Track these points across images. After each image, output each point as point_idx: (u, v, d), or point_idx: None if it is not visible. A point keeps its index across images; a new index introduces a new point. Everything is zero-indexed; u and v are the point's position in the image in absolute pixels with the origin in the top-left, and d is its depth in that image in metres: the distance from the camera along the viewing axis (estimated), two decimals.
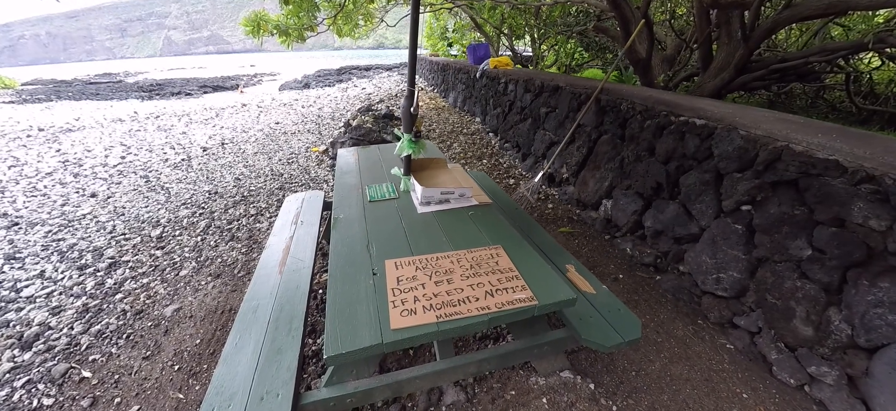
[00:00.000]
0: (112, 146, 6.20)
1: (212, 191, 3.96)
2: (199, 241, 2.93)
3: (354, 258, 1.28)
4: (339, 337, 0.94)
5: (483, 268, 1.26)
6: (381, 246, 1.35)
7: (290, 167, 4.57)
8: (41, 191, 4.47)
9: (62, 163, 5.45)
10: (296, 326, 1.40)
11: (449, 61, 9.58)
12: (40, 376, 1.82)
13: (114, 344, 1.97)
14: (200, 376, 1.77)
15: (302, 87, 15.70)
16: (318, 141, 5.85)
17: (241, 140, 6.17)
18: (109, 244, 3.01)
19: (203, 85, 18.57)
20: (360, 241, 1.38)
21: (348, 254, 1.30)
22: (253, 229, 3.06)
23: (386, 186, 1.87)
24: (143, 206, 3.73)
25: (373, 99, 9.26)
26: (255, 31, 4.69)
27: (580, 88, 3.43)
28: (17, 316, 2.25)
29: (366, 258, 1.28)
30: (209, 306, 2.21)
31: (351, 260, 1.27)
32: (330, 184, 3.92)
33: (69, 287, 2.48)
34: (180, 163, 5.09)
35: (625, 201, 2.86)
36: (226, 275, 2.49)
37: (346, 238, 1.40)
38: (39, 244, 3.14)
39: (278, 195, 3.71)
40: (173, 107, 10.25)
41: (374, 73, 19.02)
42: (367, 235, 1.43)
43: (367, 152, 2.52)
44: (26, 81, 23.44)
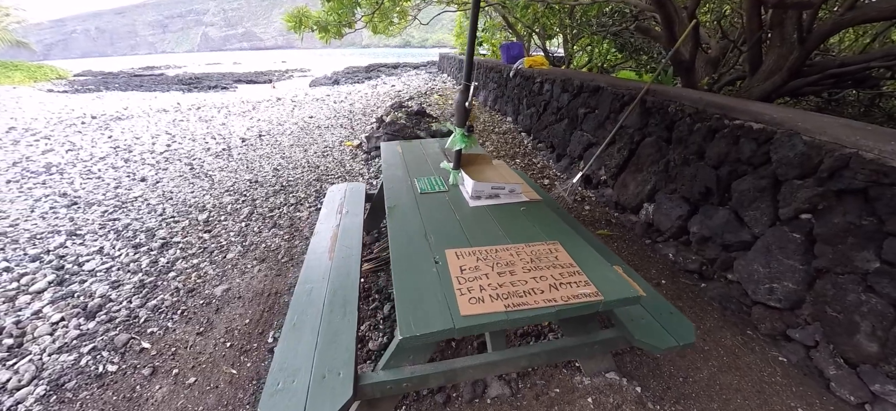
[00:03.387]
0: (158, 134, 6.52)
1: (252, 180, 4.10)
2: (243, 227, 3.04)
3: (414, 246, 1.30)
4: (412, 321, 0.96)
5: (543, 262, 1.25)
6: (438, 236, 1.36)
7: (326, 160, 4.68)
8: (96, 174, 4.75)
9: (113, 149, 5.78)
10: (350, 310, 1.44)
11: (479, 60, 9.55)
12: (104, 344, 1.93)
13: (169, 319, 2.07)
14: (251, 354, 1.83)
15: (332, 83, 16.06)
16: (351, 135, 5.95)
17: (277, 132, 6.36)
18: (160, 225, 3.16)
19: (238, 79, 19.32)
20: (418, 231, 1.40)
21: (407, 242, 1.32)
22: (294, 217, 3.14)
23: (434, 179, 1.88)
24: (189, 192, 3.91)
25: (403, 96, 9.35)
26: (296, 27, 4.83)
27: (623, 90, 3.34)
28: (81, 288, 2.40)
29: (425, 247, 1.30)
30: (256, 288, 2.29)
31: (411, 248, 1.29)
32: (365, 177, 3.98)
33: (126, 263, 2.63)
34: (221, 153, 5.30)
35: (669, 205, 2.77)
36: (270, 260, 2.57)
37: (404, 227, 1.42)
38: (97, 222, 3.34)
39: (316, 186, 3.80)
40: (212, 99, 10.69)
41: (402, 71, 19.21)
42: (423, 225, 1.44)
43: (410, 146, 2.54)
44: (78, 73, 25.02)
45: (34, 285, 2.44)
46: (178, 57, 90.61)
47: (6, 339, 1.99)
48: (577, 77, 4.18)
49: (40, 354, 1.89)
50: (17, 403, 1.64)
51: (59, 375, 1.76)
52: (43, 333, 2.02)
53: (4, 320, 2.12)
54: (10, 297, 2.35)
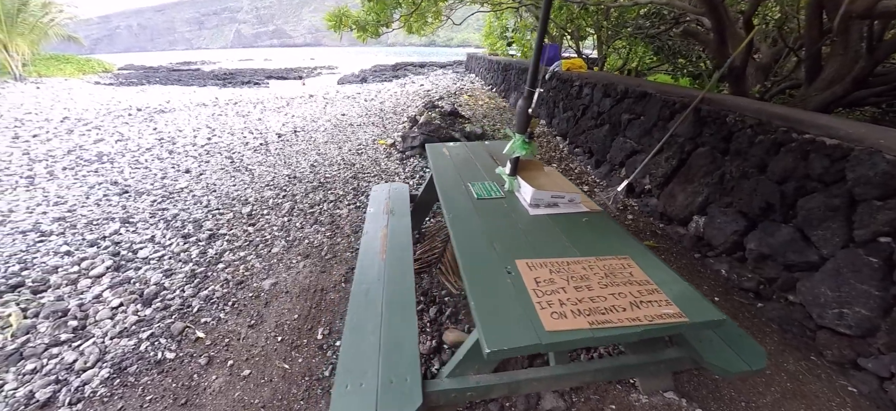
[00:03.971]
0: (199, 128, 6.77)
1: (291, 176, 4.18)
2: (285, 222, 3.09)
3: (481, 255, 1.27)
4: (495, 334, 0.93)
5: (618, 277, 1.20)
6: (503, 245, 1.33)
7: (361, 158, 4.72)
8: (143, 164, 4.96)
9: (158, 141, 6.03)
10: (409, 314, 1.42)
11: (510, 61, 9.46)
12: (161, 331, 1.99)
13: (221, 310, 2.12)
14: (301, 350, 1.85)
15: (359, 81, 16.30)
16: (384, 134, 6.00)
17: (311, 129, 6.48)
18: (207, 217, 3.26)
19: (269, 75, 19.91)
20: (482, 239, 1.37)
21: (473, 250, 1.29)
22: (334, 215, 3.18)
23: (489, 185, 1.85)
24: (231, 185, 4.02)
25: (432, 96, 9.37)
26: (336, 26, 4.91)
27: (674, 96, 3.22)
28: (136, 275, 2.49)
29: (492, 255, 1.27)
30: (302, 284, 2.31)
31: (479, 256, 1.26)
32: (401, 177, 3.99)
33: (177, 253, 2.72)
34: (259, 148, 5.44)
35: (723, 220, 2.64)
36: (314, 256, 2.60)
37: (467, 233, 1.40)
38: (147, 211, 3.48)
39: (353, 184, 3.84)
40: (248, 95, 11.02)
41: (429, 70, 19.29)
42: (487, 233, 1.41)
43: (456, 149, 2.52)
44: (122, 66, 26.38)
45: (93, 270, 2.55)
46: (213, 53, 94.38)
47: (71, 321, 2.08)
48: (620, 82, 4.06)
49: (103, 337, 1.97)
50: (83, 384, 1.71)
51: (121, 359, 1.83)
52: (104, 317, 2.11)
53: (69, 302, 2.23)
54: (73, 280, 2.47)
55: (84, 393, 1.67)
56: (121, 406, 1.61)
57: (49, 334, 2.01)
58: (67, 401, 1.63)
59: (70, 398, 1.64)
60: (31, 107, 9.68)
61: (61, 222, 3.34)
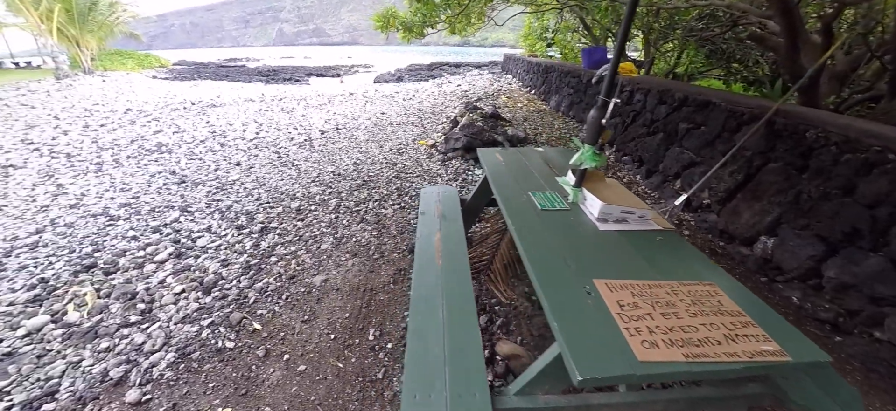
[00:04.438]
0: (248, 122, 7.08)
1: (335, 173, 4.27)
2: (332, 219, 3.15)
3: (556, 271, 1.21)
4: (586, 360, 0.88)
5: (707, 306, 1.10)
6: (577, 261, 1.27)
7: (402, 157, 4.75)
8: (198, 156, 5.23)
9: (211, 134, 6.35)
10: (472, 325, 1.39)
11: (552, 63, 9.25)
12: (221, 320, 2.07)
13: (275, 303, 2.18)
14: (354, 349, 1.86)
15: (395, 79, 16.52)
16: (423, 134, 6.02)
17: (352, 126, 6.62)
18: (258, 210, 3.38)
19: (309, 72, 20.58)
20: (553, 253, 1.31)
21: (547, 266, 1.24)
22: (380, 214, 3.20)
23: (551, 195, 1.78)
24: (279, 179, 4.16)
25: (470, 96, 9.33)
26: (383, 26, 4.97)
27: (741, 107, 3.00)
28: (196, 263, 2.61)
29: (567, 272, 1.21)
30: (352, 283, 2.34)
31: (554, 273, 1.20)
32: (444, 178, 3.98)
33: (232, 243, 2.83)
34: (304, 143, 5.60)
35: (797, 243, 2.43)
36: (361, 255, 2.63)
37: (537, 247, 1.34)
38: (203, 201, 3.66)
39: (397, 184, 3.86)
40: (292, 91, 11.43)
41: (465, 71, 19.25)
42: (557, 248, 1.35)
43: (510, 155, 2.46)
44: (176, 62, 28.16)
45: (157, 256, 2.70)
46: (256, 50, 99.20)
47: (139, 304, 2.21)
48: (678, 88, 3.84)
49: (167, 322, 2.07)
50: (152, 366, 1.80)
51: (184, 344, 1.91)
52: (168, 302, 2.22)
53: (137, 286, 2.36)
54: (139, 264, 2.63)
55: (152, 374, 1.76)
56: (186, 390, 1.68)
57: (120, 315, 2.14)
58: (138, 381, 1.72)
59: (140, 379, 1.73)
60: (98, 98, 10.50)
61: (127, 208, 3.58)
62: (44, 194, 4.05)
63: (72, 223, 3.33)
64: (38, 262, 2.74)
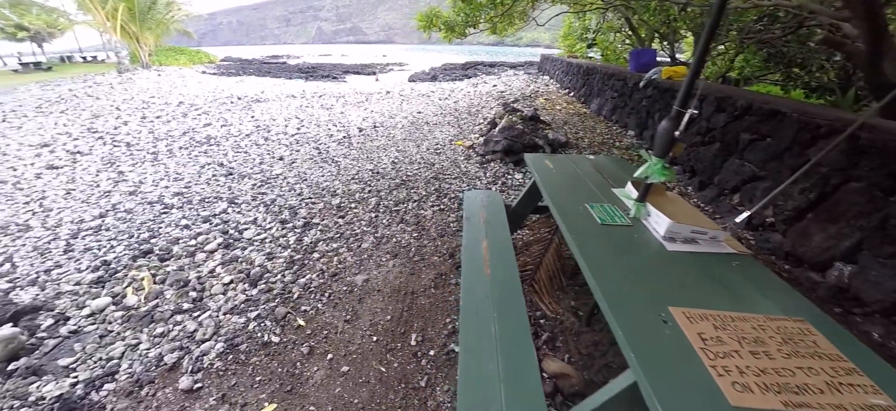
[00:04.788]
0: (289, 118, 7.30)
1: (374, 171, 4.30)
2: (372, 217, 3.16)
3: (627, 294, 1.12)
4: (671, 400, 0.79)
5: (801, 347, 0.98)
6: (648, 284, 1.17)
7: (440, 158, 4.72)
8: (244, 149, 5.44)
9: (256, 128, 6.60)
10: (526, 344, 1.32)
11: (594, 64, 8.94)
12: (266, 313, 2.11)
13: (319, 300, 2.20)
14: (396, 354, 1.84)
15: (430, 78, 16.59)
16: (460, 134, 5.97)
17: (389, 125, 6.67)
18: (300, 205, 3.46)
19: (346, 70, 21.08)
20: (621, 275, 1.21)
21: (615, 287, 1.14)
22: (419, 215, 3.18)
23: (610, 208, 1.67)
24: (320, 175, 4.24)
25: (506, 97, 9.19)
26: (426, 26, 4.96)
27: (817, 118, 2.73)
28: (243, 254, 2.69)
29: (638, 295, 1.11)
30: (393, 284, 2.32)
31: (624, 296, 1.11)
32: (483, 181, 3.91)
33: (276, 237, 2.90)
34: (342, 140, 5.70)
35: (882, 272, 2.17)
36: (402, 256, 2.61)
37: (602, 266, 1.25)
38: (249, 194, 3.78)
39: (435, 185, 3.83)
40: (331, 88, 11.72)
41: (500, 70, 19.05)
42: (624, 267, 1.26)
43: (561, 162, 2.36)
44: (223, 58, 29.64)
45: (208, 245, 2.81)
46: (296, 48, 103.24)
47: (191, 292, 2.29)
48: (740, 95, 3.57)
49: (217, 311, 2.14)
50: (203, 355, 1.85)
51: (233, 336, 1.96)
52: (217, 292, 2.29)
53: (189, 274, 2.46)
54: (191, 253, 2.74)
55: (203, 363, 1.81)
56: (234, 382, 1.71)
57: (173, 301, 2.23)
58: (190, 369, 1.77)
59: (192, 366, 1.79)
60: (154, 91, 11.22)
61: (180, 197, 3.76)
62: (106, 180, 4.34)
63: (131, 209, 3.54)
64: (101, 245, 2.92)
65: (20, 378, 1.74)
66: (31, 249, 2.91)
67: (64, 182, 4.36)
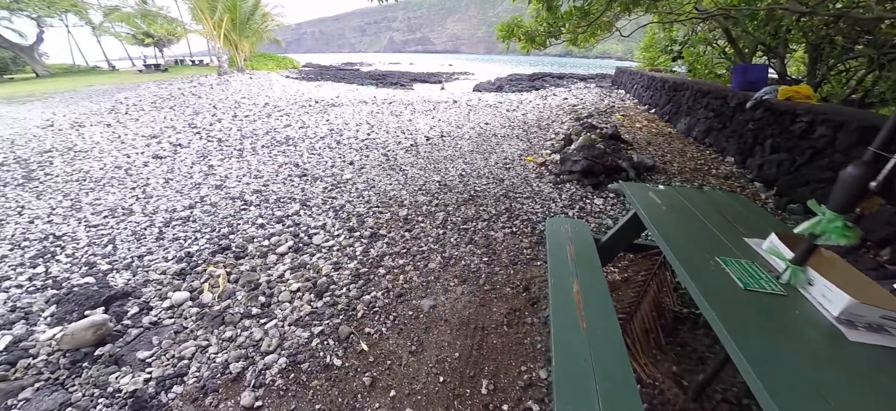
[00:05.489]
0: (360, 123, 7.52)
1: (441, 183, 4.16)
2: (440, 234, 2.99)
3: (798, 394, 0.79)
4: None
5: None
6: (831, 392, 0.82)
7: (509, 174, 4.46)
8: (317, 151, 5.64)
9: (329, 131, 6.86)
10: None
11: (683, 79, 8.08)
12: (330, 330, 2.01)
13: (383, 323, 2.05)
14: (465, 401, 1.61)
15: (495, 88, 16.36)
16: (530, 149, 5.65)
17: (456, 135, 6.55)
18: (368, 213, 3.40)
19: (414, 78, 21.67)
20: (783, 365, 0.88)
21: (788, 391, 0.81)
22: (489, 237, 2.95)
23: (748, 265, 1.30)
24: (388, 183, 4.19)
25: (579, 111, 8.65)
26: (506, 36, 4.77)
27: None
28: (311, 261, 2.66)
29: (815, 400, 0.77)
30: (461, 315, 2.11)
31: (792, 395, 0.78)
32: (558, 204, 3.57)
33: (344, 246, 2.85)
34: (410, 148, 5.68)
35: None
36: (471, 283, 2.39)
37: (762, 354, 0.92)
38: (320, 197, 3.83)
39: (505, 204, 3.58)
40: (400, 96, 12.02)
41: (569, 82, 18.26)
42: (786, 354, 0.91)
43: (668, 196, 1.98)
44: (304, 64, 32.20)
45: (279, 247, 2.83)
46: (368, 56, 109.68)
47: (260, 296, 2.28)
48: None
49: (282, 321, 2.08)
50: (266, 368, 1.78)
51: (296, 351, 1.88)
52: (285, 299, 2.26)
53: (260, 276, 2.47)
54: (263, 253, 2.77)
55: (265, 378, 1.73)
56: (293, 406, 1.60)
57: (243, 304, 2.23)
58: (252, 383, 1.70)
59: (255, 380, 1.72)
60: (245, 93, 12.36)
61: (258, 195, 3.92)
62: (198, 173, 4.71)
63: (215, 203, 3.75)
64: (188, 236, 3.09)
65: (103, 365, 1.80)
66: (130, 233, 3.17)
67: (164, 171, 4.82)
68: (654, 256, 2.33)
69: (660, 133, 6.82)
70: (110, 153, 5.77)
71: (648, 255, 2.36)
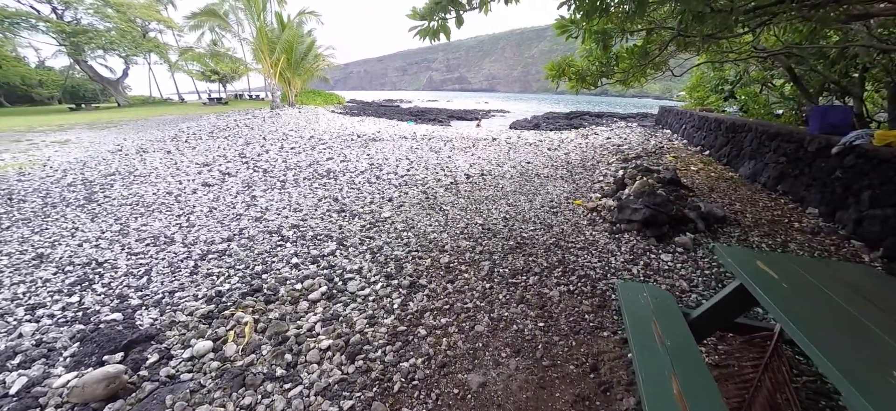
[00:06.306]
0: (400, 159, 7.48)
1: (484, 226, 3.86)
2: (486, 289, 2.66)
3: None
4: None
5: None
6: None
7: (558, 219, 4.09)
8: (357, 185, 5.56)
9: (369, 166, 6.84)
10: None
11: (744, 121, 7.45)
12: (362, 407, 1.71)
13: (423, 403, 1.72)
14: None
15: (532, 126, 16.16)
16: (576, 191, 5.26)
17: (497, 173, 6.30)
18: (407, 257, 3.15)
19: (451, 115, 22.04)
20: None
21: None
22: (543, 295, 2.58)
23: None
24: (427, 223, 3.95)
25: (625, 152, 8.18)
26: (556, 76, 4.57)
27: None
28: (344, 312, 2.40)
29: None
30: (518, 400, 1.73)
31: None
32: (618, 259, 3.13)
33: (381, 296, 2.58)
34: (450, 186, 5.47)
35: None
36: (526, 355, 2.02)
37: None
38: (357, 236, 3.64)
39: (557, 254, 3.20)
40: (438, 132, 12.08)
41: (609, 121, 17.75)
42: None
43: (781, 265, 1.55)
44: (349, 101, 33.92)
45: (311, 293, 2.61)
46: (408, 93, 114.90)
47: (287, 354, 2.03)
48: None
49: (309, 388, 1.81)
50: None
51: None
52: (313, 360, 1.99)
53: (289, 328, 2.24)
54: (295, 299, 2.56)
55: None
56: None
57: (268, 361, 1.99)
58: None
59: None
60: (293, 126, 12.94)
61: (296, 230, 3.80)
62: (241, 203, 4.73)
63: (253, 236, 3.66)
64: (221, 272, 2.96)
65: None
66: (166, 265, 3.10)
67: (210, 199, 4.89)
68: (764, 341, 1.86)
69: (720, 177, 6.21)
70: (165, 178, 6.02)
71: (754, 338, 1.89)
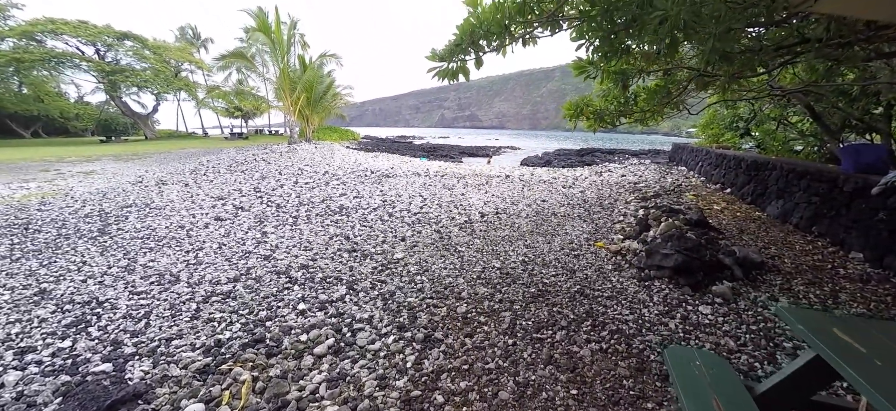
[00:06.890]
0: (413, 196, 7.38)
1: (502, 271, 3.63)
2: (509, 345, 2.41)
3: None
4: None
5: None
6: None
7: (581, 263, 3.84)
8: (369, 223, 5.43)
9: (382, 203, 6.74)
10: None
11: (768, 159, 7.20)
12: None
13: None
14: None
15: (544, 163, 16.09)
16: (595, 231, 5.01)
17: (512, 212, 6.11)
18: (421, 305, 2.93)
19: (463, 151, 22.26)
20: None
21: None
22: (573, 354, 2.31)
23: None
24: (442, 266, 3.75)
25: (643, 190, 7.93)
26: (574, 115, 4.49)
27: None
28: (351, 372, 2.17)
29: None
30: None
31: None
32: (652, 311, 2.85)
33: (392, 352, 2.35)
34: (464, 225, 5.29)
35: None
36: None
37: None
38: (368, 280, 3.45)
39: (584, 305, 2.95)
40: (451, 169, 12.07)
41: (621, 158, 17.60)
42: None
43: (864, 334, 1.30)
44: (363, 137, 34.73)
45: (318, 346, 2.40)
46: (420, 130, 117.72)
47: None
48: None
49: None
50: None
51: None
52: None
53: (290, 390, 2.02)
54: (299, 353, 2.35)
55: None
56: None
57: None
58: None
59: None
60: (309, 161, 13.12)
61: (305, 271, 3.64)
62: (251, 240, 4.61)
63: (260, 277, 3.50)
64: (223, 317, 2.78)
65: None
66: (167, 307, 2.94)
67: (221, 235, 4.80)
68: None
69: (747, 217, 5.90)
70: (179, 212, 6.00)
71: None
